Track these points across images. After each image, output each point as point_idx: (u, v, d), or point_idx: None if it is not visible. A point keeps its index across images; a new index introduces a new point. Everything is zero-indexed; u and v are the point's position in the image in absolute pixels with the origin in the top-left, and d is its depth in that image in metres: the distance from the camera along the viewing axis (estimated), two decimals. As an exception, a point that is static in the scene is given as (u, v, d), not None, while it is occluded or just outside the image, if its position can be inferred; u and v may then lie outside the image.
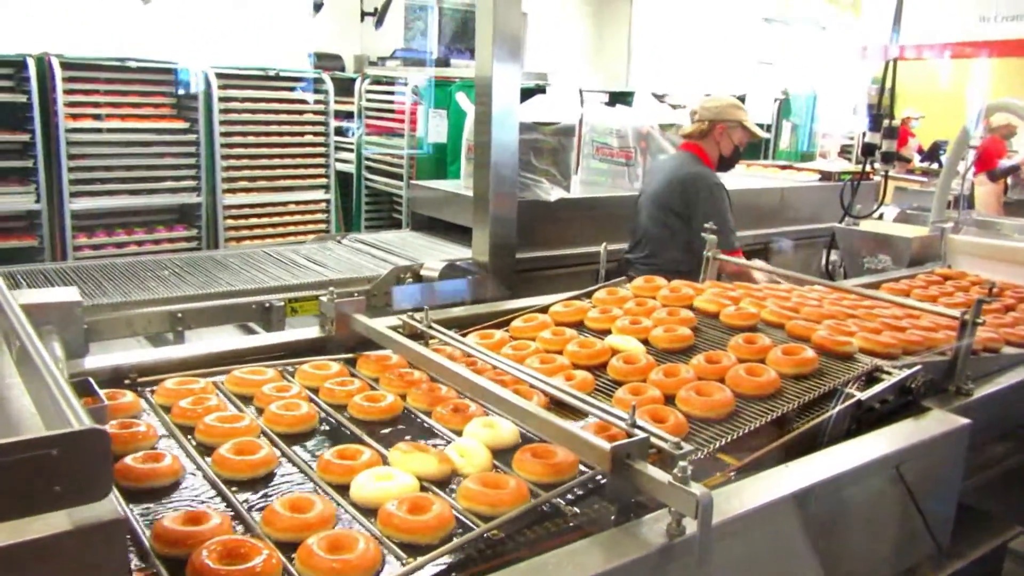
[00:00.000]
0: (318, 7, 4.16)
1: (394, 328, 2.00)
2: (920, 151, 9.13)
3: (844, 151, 9.45)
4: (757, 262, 3.47)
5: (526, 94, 4.78)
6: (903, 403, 1.78)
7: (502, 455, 1.51)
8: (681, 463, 1.17)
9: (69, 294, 1.80)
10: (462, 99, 4.52)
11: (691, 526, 1.17)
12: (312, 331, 2.06)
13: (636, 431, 1.35)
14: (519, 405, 1.45)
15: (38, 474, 0.76)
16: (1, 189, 4.96)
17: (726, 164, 3.64)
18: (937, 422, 1.67)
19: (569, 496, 1.38)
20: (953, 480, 1.69)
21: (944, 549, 1.71)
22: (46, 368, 0.96)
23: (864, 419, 1.69)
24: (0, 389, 1.09)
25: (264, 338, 2.05)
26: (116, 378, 1.72)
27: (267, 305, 3.21)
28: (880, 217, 4.51)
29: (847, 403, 1.65)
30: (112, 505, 0.84)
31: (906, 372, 1.76)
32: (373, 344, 1.95)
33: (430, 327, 1.97)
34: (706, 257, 2.65)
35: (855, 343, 1.91)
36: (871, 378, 1.79)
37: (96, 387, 1.22)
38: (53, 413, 0.87)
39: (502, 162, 3.50)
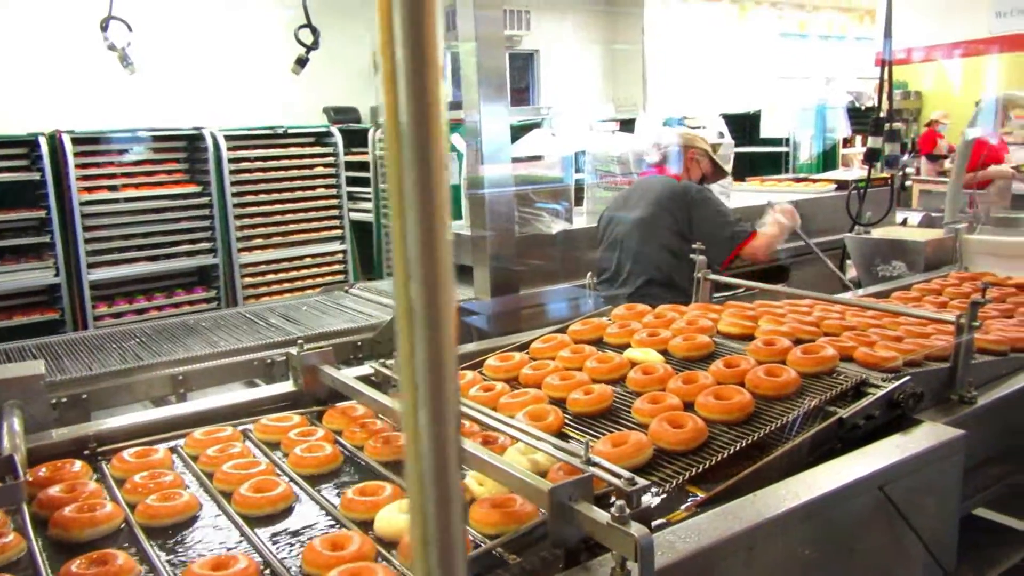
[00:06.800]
0: (301, 63, 4.18)
1: (365, 376, 1.96)
2: (951, 151, 9.03)
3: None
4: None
5: (530, 130, 4.77)
6: (894, 417, 1.68)
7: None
8: (619, 502, 1.10)
9: (31, 368, 1.79)
10: (456, 140, 4.52)
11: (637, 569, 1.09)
12: (286, 386, 2.03)
13: (589, 468, 1.28)
14: (463, 448, 1.39)
15: None
16: (21, 265, 5.07)
17: None
18: (926, 435, 1.56)
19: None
20: (951, 496, 1.57)
21: (951, 572, 1.60)
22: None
23: (850, 438, 1.59)
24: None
25: (234, 396, 2.01)
26: (77, 449, 1.70)
27: (268, 361, 3.20)
28: (904, 222, 4.37)
29: (827, 422, 1.55)
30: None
31: (893, 384, 1.66)
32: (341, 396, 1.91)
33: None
34: (697, 279, 2.57)
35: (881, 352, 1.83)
36: (858, 392, 1.69)
37: (17, 465, 1.19)
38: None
39: (497, 199, 3.47)
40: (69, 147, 5.11)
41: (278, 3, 6.82)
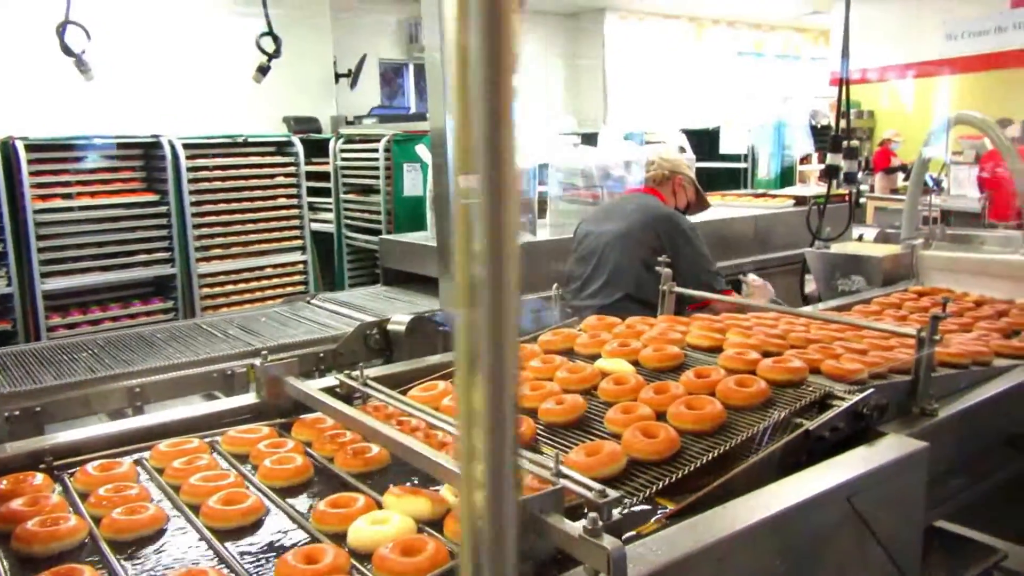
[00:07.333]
0: (263, 71, 4.14)
1: (330, 388, 1.94)
2: (904, 168, 9.24)
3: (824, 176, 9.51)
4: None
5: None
6: (860, 429, 1.70)
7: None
8: (591, 515, 1.09)
9: (-17, 379, 1.73)
10: (422, 151, 4.51)
11: (610, 582, 1.09)
12: (248, 398, 1.99)
13: (559, 480, 1.27)
14: (435, 460, 1.38)
15: None
16: (-30, 275, 4.93)
17: None
18: (891, 447, 1.59)
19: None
20: (915, 508, 1.59)
21: (914, 583, 1.61)
22: None
23: (817, 449, 1.61)
24: None
25: (196, 408, 1.97)
26: (33, 463, 1.64)
27: (229, 372, 3.15)
28: (860, 238, 4.46)
29: (793, 434, 1.56)
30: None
31: (857, 397, 1.68)
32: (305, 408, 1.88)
33: (366, 384, 1.90)
34: (662, 291, 2.58)
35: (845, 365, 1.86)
36: (824, 405, 1.71)
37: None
38: None
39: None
40: (23, 154, 4.98)
41: (238, 11, 6.76)
